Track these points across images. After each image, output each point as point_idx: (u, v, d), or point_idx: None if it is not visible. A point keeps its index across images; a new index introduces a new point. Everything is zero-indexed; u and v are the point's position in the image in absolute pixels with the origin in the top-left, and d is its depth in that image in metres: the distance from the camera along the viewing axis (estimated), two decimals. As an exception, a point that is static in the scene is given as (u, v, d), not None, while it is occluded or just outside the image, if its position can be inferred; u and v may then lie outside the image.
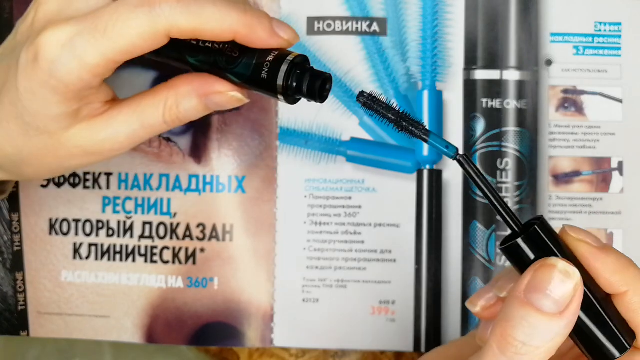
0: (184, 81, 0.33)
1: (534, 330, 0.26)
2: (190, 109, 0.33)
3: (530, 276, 0.26)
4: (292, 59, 0.31)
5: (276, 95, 0.32)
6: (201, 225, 0.48)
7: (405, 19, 0.48)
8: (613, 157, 0.48)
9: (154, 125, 0.34)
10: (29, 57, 0.31)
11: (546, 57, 0.48)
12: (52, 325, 0.49)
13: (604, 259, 0.27)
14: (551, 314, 0.26)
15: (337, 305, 0.48)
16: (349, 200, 0.48)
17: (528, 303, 0.26)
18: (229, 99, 0.33)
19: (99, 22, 0.30)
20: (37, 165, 0.35)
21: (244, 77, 0.32)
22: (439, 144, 0.29)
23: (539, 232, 0.27)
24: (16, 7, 0.49)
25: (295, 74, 0.31)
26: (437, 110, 0.48)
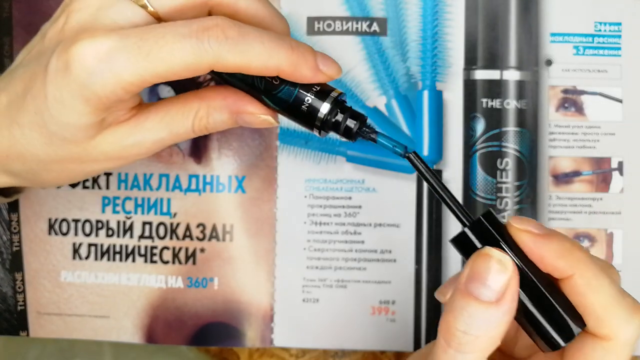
0: (218, 94, 0.33)
1: (473, 319, 0.26)
2: (220, 122, 0.33)
3: (470, 267, 0.27)
4: (334, 97, 0.32)
5: (312, 128, 0.32)
6: (201, 225, 0.48)
7: (405, 19, 0.48)
8: (613, 157, 0.48)
9: (182, 134, 0.34)
10: (60, 65, 0.30)
11: (546, 57, 0.48)
12: (52, 326, 0.49)
13: (548, 244, 0.27)
14: (488, 302, 0.26)
15: (337, 305, 0.48)
16: (349, 200, 0.48)
17: (468, 293, 0.26)
18: (260, 121, 0.33)
19: (143, 43, 0.30)
20: (57, 171, 0.35)
21: (282, 105, 0.32)
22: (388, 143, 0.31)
23: (484, 223, 0.28)
24: (15, 6, 0.49)
25: (335, 112, 0.32)
26: (437, 110, 0.48)
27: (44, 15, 0.49)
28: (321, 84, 0.32)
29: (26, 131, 0.33)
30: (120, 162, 0.34)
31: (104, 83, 0.30)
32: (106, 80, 0.30)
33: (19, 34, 0.49)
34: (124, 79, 0.30)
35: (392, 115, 0.48)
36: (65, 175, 0.35)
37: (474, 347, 0.26)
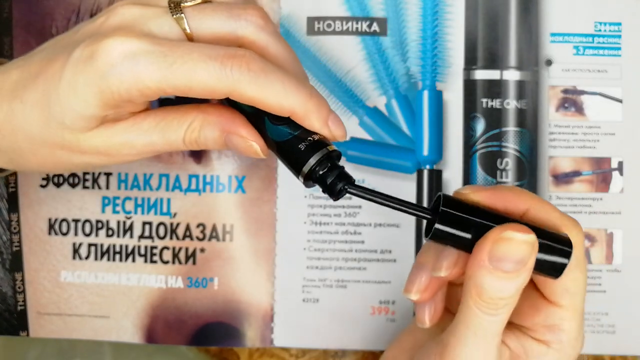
0: (215, 110, 0.34)
1: (503, 287, 0.30)
2: (209, 138, 0.34)
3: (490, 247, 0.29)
4: (327, 152, 0.32)
5: (298, 174, 0.32)
6: (201, 225, 0.48)
7: (405, 19, 0.48)
8: (613, 157, 0.48)
9: (173, 142, 0.34)
10: (84, 54, 0.31)
11: (546, 57, 0.48)
12: (52, 326, 0.49)
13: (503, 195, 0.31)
14: (514, 272, 0.29)
15: (337, 305, 0.48)
16: (349, 200, 0.48)
17: (494, 269, 0.29)
18: (247, 146, 0.33)
19: (171, 54, 0.31)
20: (44, 156, 0.35)
21: (278, 141, 0.33)
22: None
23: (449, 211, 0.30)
24: (15, 6, 0.49)
25: (325, 165, 0.32)
26: (437, 110, 0.48)
27: (44, 15, 0.49)
28: (320, 137, 0.33)
29: (27, 108, 0.33)
30: (108, 159, 0.35)
31: (122, 79, 0.31)
32: (125, 77, 0.30)
33: (19, 34, 0.49)
34: (142, 82, 0.31)
35: (392, 115, 0.48)
36: (51, 161, 0.35)
37: (506, 307, 0.30)
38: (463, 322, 0.31)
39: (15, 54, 0.49)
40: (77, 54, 0.32)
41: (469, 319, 0.31)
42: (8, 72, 0.34)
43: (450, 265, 0.32)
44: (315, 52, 0.48)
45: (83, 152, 0.34)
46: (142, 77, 0.30)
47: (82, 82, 0.31)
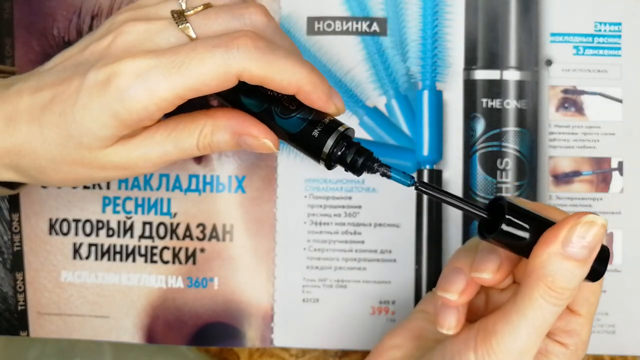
0: (224, 114, 0.34)
1: (572, 276, 0.31)
2: (222, 142, 0.35)
3: (566, 233, 0.31)
4: (342, 130, 0.33)
5: (318, 159, 0.34)
6: (201, 225, 0.48)
7: (405, 19, 0.48)
8: (613, 157, 0.48)
9: (187, 149, 0.35)
10: (99, 79, 0.32)
11: (546, 57, 0.48)
12: (52, 326, 0.49)
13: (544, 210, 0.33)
14: (584, 259, 0.31)
15: (337, 305, 0.48)
16: (349, 200, 0.48)
17: (568, 256, 0.30)
18: (260, 144, 0.34)
19: (176, 58, 0.31)
20: (65, 173, 0.36)
21: (292, 132, 0.34)
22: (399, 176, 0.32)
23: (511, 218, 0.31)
24: (16, 7, 0.49)
25: (342, 145, 0.33)
26: (437, 110, 0.48)
27: (45, 16, 0.49)
28: (330, 118, 0.34)
29: (45, 130, 0.34)
30: (126, 173, 0.36)
31: (137, 99, 0.31)
32: (140, 97, 0.31)
33: (20, 34, 0.49)
34: (157, 96, 0.31)
35: (392, 115, 0.48)
36: (72, 177, 0.36)
37: (569, 297, 0.31)
38: (520, 312, 0.32)
39: (16, 55, 0.49)
40: (91, 78, 0.32)
41: (528, 310, 0.31)
42: (20, 93, 0.35)
43: (495, 268, 0.33)
44: (315, 52, 0.48)
45: (102, 168, 0.35)
46: (156, 91, 0.31)
47: (98, 106, 0.32)
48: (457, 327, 0.35)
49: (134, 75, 0.31)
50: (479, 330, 0.33)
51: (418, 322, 0.39)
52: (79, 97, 0.32)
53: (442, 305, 0.35)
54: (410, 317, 0.40)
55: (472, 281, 0.34)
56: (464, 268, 0.34)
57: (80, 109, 0.32)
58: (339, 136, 0.33)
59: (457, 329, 0.35)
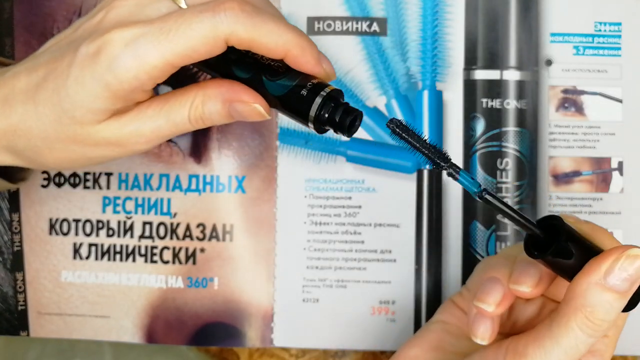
0: (214, 83, 0.34)
1: (611, 308, 0.31)
2: (214, 112, 0.34)
3: (610, 264, 0.30)
4: (329, 91, 0.33)
5: (307, 122, 0.33)
6: (201, 225, 0.48)
7: (405, 19, 0.48)
8: (613, 157, 0.48)
9: (179, 123, 0.34)
10: (90, 51, 0.32)
11: (546, 57, 0.48)
12: (52, 326, 0.49)
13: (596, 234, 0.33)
14: (624, 291, 0.31)
15: (337, 305, 0.48)
16: (349, 200, 0.48)
17: (609, 288, 0.30)
18: (251, 109, 0.34)
19: (165, 24, 0.31)
20: (60, 151, 0.36)
21: (279, 95, 0.33)
22: (467, 181, 0.31)
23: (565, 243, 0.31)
24: (16, 6, 0.50)
25: (328, 106, 0.32)
26: (437, 110, 0.48)
27: (45, 16, 0.49)
28: (318, 80, 0.33)
29: (40, 108, 0.34)
30: (120, 150, 0.35)
31: (128, 68, 0.31)
32: (130, 65, 0.31)
33: (20, 34, 0.49)
34: (148, 62, 0.31)
35: (392, 115, 0.48)
36: (66, 156, 0.36)
37: (606, 330, 0.31)
38: (554, 338, 0.31)
39: (16, 55, 0.49)
40: (82, 51, 0.32)
41: (563, 338, 0.31)
42: (17, 75, 0.35)
43: (535, 283, 0.33)
44: (315, 52, 0.48)
45: (96, 145, 0.35)
46: (146, 58, 0.31)
47: (90, 78, 0.32)
48: (491, 337, 0.35)
49: (123, 44, 0.31)
50: (508, 350, 0.33)
51: (437, 333, 0.38)
52: (71, 71, 0.33)
53: (477, 315, 0.35)
54: (428, 327, 0.39)
55: (510, 293, 0.34)
56: (502, 279, 0.34)
57: (72, 82, 0.33)
58: (327, 96, 0.32)
59: (490, 339, 0.35)
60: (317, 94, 0.32)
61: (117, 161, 0.49)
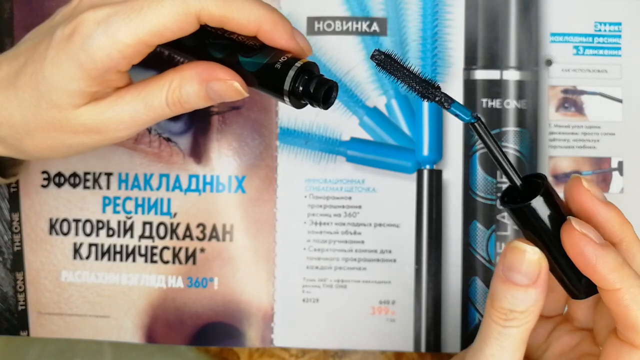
0: (190, 66, 0.34)
1: (515, 299, 0.30)
2: (191, 93, 0.34)
3: (505, 258, 0.30)
4: (301, 64, 0.33)
5: (282, 97, 0.33)
6: (201, 225, 0.49)
7: (405, 19, 0.48)
8: (613, 157, 0.48)
9: (157, 107, 0.35)
10: (65, 32, 0.33)
11: (546, 57, 0.48)
12: (52, 325, 0.49)
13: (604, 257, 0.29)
14: (525, 285, 0.30)
15: (337, 305, 0.48)
16: (349, 200, 0.48)
17: (507, 280, 0.30)
18: (228, 87, 0.34)
19: (136, 3, 0.32)
20: (40, 138, 0.36)
21: (254, 70, 0.33)
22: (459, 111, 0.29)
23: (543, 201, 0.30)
24: (16, 7, 0.50)
25: (302, 78, 0.32)
26: (437, 110, 0.48)
27: (45, 16, 0.49)
28: (292, 55, 0.33)
29: (20, 93, 0.35)
30: (99, 137, 0.36)
31: (100, 46, 0.32)
32: (102, 43, 0.32)
33: (20, 34, 0.49)
34: (120, 40, 0.32)
35: (392, 115, 0.48)
36: (47, 144, 0.36)
37: (518, 322, 0.30)
38: (480, 330, 0.32)
39: (16, 55, 0.49)
40: (58, 34, 0.33)
41: (483, 327, 0.31)
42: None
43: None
44: (315, 52, 0.48)
45: (75, 132, 0.35)
46: (118, 36, 0.32)
47: (65, 58, 0.32)
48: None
49: (95, 23, 0.32)
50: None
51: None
52: (48, 54, 0.33)
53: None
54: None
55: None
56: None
57: (49, 64, 0.33)
58: (299, 69, 0.32)
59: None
60: (290, 67, 0.32)
61: (117, 161, 0.49)
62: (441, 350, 0.48)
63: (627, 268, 0.30)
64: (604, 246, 0.30)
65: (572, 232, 0.29)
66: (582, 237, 0.29)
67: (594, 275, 0.29)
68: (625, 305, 0.29)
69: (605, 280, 0.29)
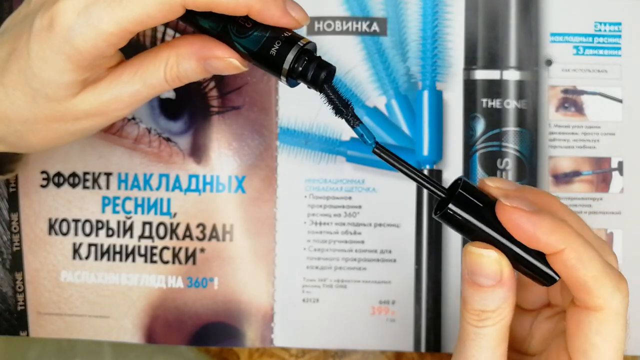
0: (185, 42, 0.34)
1: (485, 300, 0.30)
2: (189, 70, 0.34)
3: (465, 262, 0.30)
4: (302, 45, 0.32)
5: (279, 76, 0.32)
6: (201, 225, 0.48)
7: (405, 19, 0.48)
8: (613, 157, 0.48)
9: (156, 85, 0.34)
10: (44, 23, 0.31)
11: (546, 57, 0.48)
12: (52, 326, 0.49)
13: (540, 222, 0.29)
14: (492, 285, 0.29)
15: (337, 305, 0.48)
16: (349, 200, 0.48)
17: (473, 283, 0.30)
18: (226, 64, 0.33)
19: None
20: (43, 131, 0.35)
21: (251, 50, 0.32)
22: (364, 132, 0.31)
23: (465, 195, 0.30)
24: (16, 7, 0.49)
25: (302, 60, 0.32)
26: (437, 110, 0.48)
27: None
28: (291, 33, 0.32)
29: (10, 91, 0.34)
30: (102, 119, 0.35)
31: (84, 37, 0.31)
32: (86, 34, 0.31)
33: (19, 34, 0.49)
34: (104, 30, 0.31)
35: (392, 115, 0.48)
36: (50, 135, 0.36)
37: (491, 321, 0.30)
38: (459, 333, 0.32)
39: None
40: (36, 26, 0.32)
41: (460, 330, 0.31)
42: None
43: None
44: (315, 52, 0.48)
45: (76, 119, 0.35)
46: (101, 26, 0.31)
47: (50, 52, 0.32)
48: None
49: (75, 12, 0.31)
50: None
51: None
52: (31, 49, 0.32)
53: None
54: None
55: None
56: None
57: (35, 60, 0.32)
58: (299, 50, 0.32)
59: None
60: (289, 50, 0.32)
61: (117, 161, 0.49)
62: (441, 350, 0.48)
63: (567, 227, 0.29)
64: (537, 212, 0.29)
65: (504, 208, 0.29)
66: (514, 210, 0.29)
67: (537, 244, 0.29)
68: (571, 265, 0.29)
69: (548, 245, 0.29)
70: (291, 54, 0.32)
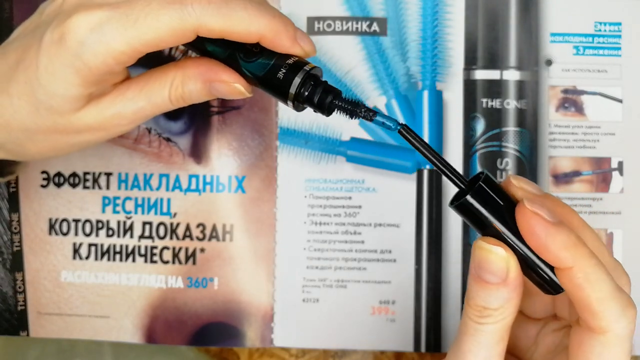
0: (193, 63, 0.34)
1: (488, 297, 0.30)
2: (194, 91, 0.34)
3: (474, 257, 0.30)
4: (308, 70, 0.32)
5: (286, 101, 0.33)
6: (201, 225, 0.48)
7: (405, 19, 0.48)
8: (613, 157, 0.48)
9: (160, 104, 0.34)
10: (55, 37, 0.32)
11: (546, 57, 0.48)
12: (52, 326, 0.49)
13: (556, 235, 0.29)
14: (497, 283, 0.29)
15: (337, 305, 0.48)
16: (349, 200, 0.48)
17: (479, 279, 0.30)
18: (231, 89, 0.34)
19: (131, 11, 0.31)
20: (43, 142, 0.35)
21: (258, 75, 0.33)
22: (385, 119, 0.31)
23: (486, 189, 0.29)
24: (16, 6, 0.49)
25: (309, 84, 0.32)
26: (437, 110, 0.48)
27: (45, 15, 0.49)
28: (296, 58, 0.33)
29: (15, 100, 0.34)
30: (103, 134, 0.35)
31: (95, 53, 0.31)
32: (97, 50, 0.31)
33: (20, 34, 0.49)
34: (115, 48, 0.31)
35: (392, 115, 0.48)
36: (50, 146, 0.36)
37: (493, 319, 0.30)
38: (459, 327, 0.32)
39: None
40: (47, 39, 0.32)
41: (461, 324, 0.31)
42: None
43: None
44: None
45: (78, 132, 0.35)
46: (112, 44, 0.31)
47: (59, 66, 0.32)
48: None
49: (88, 29, 0.31)
50: None
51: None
52: (40, 61, 0.32)
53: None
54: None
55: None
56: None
57: (43, 72, 0.32)
58: (305, 75, 0.32)
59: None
60: (296, 74, 0.32)
61: (117, 161, 0.49)
62: (441, 350, 0.48)
63: (582, 246, 0.29)
64: (555, 224, 0.29)
65: (525, 211, 0.29)
66: (533, 216, 0.29)
67: (547, 255, 0.29)
68: (578, 284, 0.28)
69: (558, 259, 0.28)
70: (297, 78, 0.32)
